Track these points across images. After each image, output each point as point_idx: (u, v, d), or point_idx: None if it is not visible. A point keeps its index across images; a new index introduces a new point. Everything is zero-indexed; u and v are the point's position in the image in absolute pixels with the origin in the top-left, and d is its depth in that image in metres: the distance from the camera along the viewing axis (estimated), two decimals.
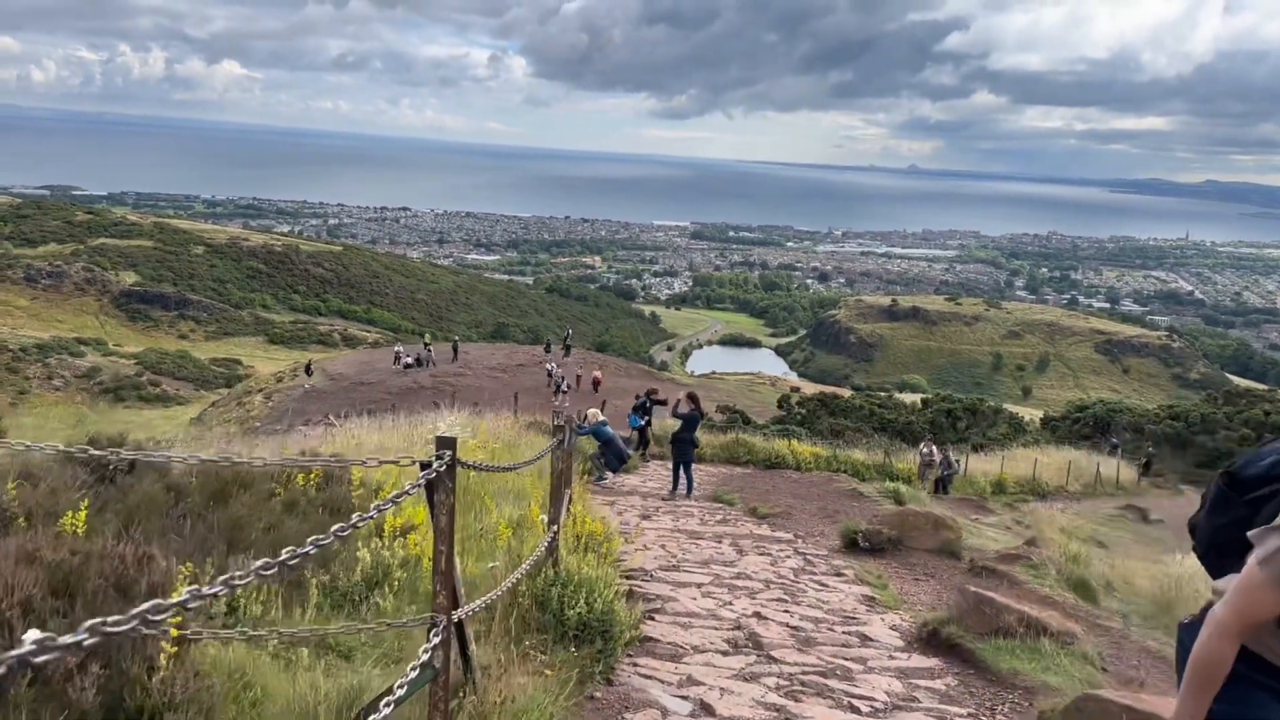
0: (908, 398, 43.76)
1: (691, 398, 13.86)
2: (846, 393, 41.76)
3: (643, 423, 18.62)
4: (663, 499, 13.07)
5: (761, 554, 7.83)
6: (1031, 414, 50.72)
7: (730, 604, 6.08)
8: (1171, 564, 11.47)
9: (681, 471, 13.40)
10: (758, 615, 5.84)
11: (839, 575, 7.21)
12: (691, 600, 5.99)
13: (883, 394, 47.08)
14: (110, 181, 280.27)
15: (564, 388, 38.52)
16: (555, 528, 5.06)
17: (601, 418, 15.30)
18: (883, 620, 6.12)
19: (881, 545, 8.35)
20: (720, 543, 8.37)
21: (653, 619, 5.53)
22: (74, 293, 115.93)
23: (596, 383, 39.93)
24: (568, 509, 5.55)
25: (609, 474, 14.66)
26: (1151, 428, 38.44)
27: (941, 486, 21.94)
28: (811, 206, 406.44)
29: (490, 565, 5.16)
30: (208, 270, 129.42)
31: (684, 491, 13.30)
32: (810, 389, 60.85)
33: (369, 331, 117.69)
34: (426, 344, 50.73)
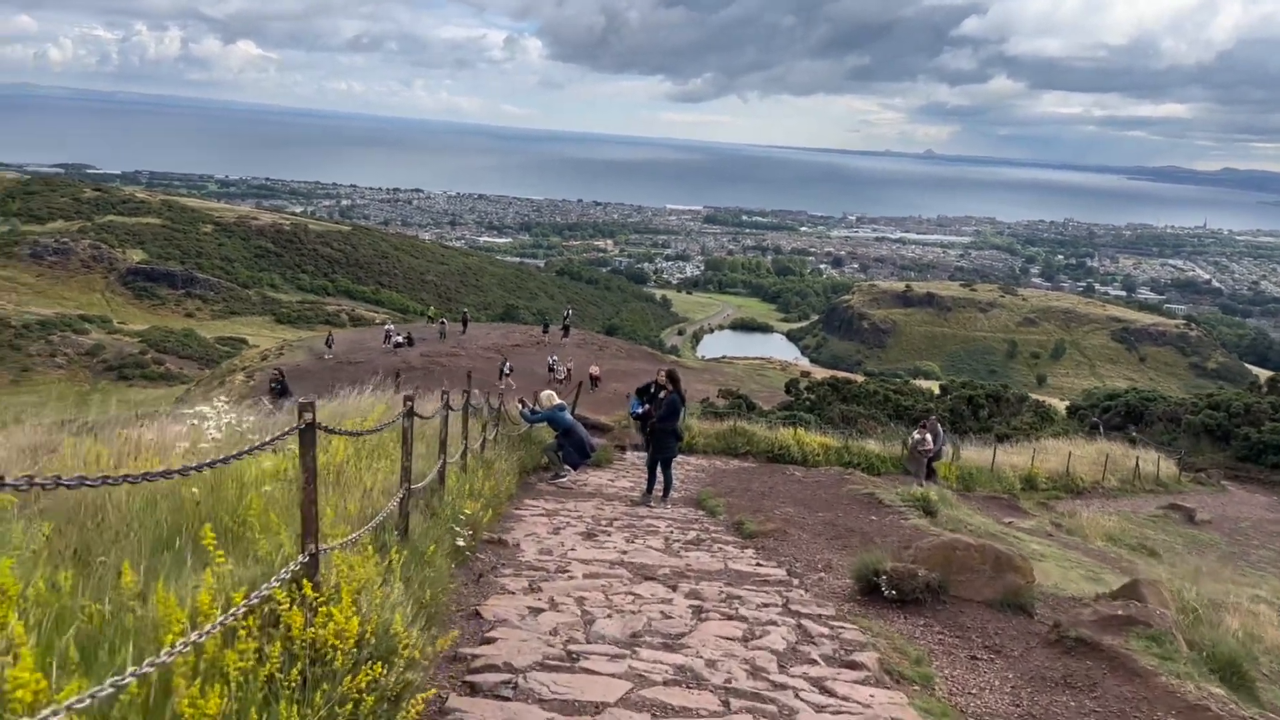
0: (925, 384, 40.97)
1: (671, 378, 11.26)
2: (859, 378, 39.15)
3: (642, 410, 15.38)
4: (630, 503, 10.59)
5: (730, 615, 5.10)
6: (1056, 402, 48.05)
7: None
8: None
9: (659, 470, 10.92)
10: None
11: (851, 661, 4.47)
12: None
13: (898, 379, 44.35)
14: (125, 161, 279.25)
15: (559, 375, 35.86)
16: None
17: (558, 401, 12.83)
18: None
19: (916, 594, 5.76)
20: (675, 591, 5.65)
21: None
22: (80, 270, 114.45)
23: (595, 379, 36.34)
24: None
25: (568, 470, 12.17)
26: (1189, 418, 35.67)
27: (927, 470, 19.21)
28: (826, 191, 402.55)
29: None
30: (216, 249, 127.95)
31: (660, 493, 10.84)
32: (822, 374, 58.29)
33: (376, 312, 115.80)
34: (431, 318, 50.25)
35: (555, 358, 41.52)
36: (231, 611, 2.34)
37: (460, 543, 5.56)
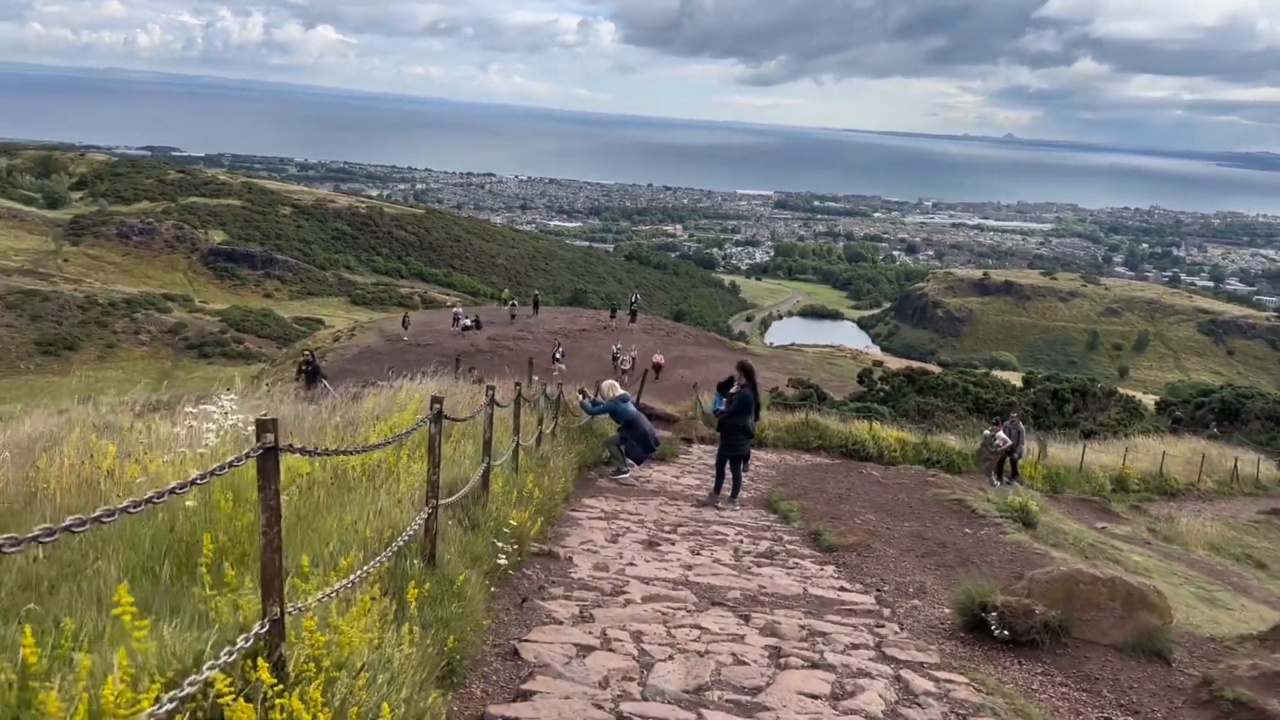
0: (1006, 376, 39.09)
1: (744, 370, 10.44)
2: (936, 368, 37.46)
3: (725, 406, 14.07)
4: (697, 504, 9.83)
5: (814, 661, 4.31)
6: (1144, 397, 45.78)
7: None
8: None
9: (728, 469, 10.15)
10: None
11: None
12: None
13: (978, 370, 42.50)
14: (208, 143, 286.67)
15: (623, 364, 34.83)
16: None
17: (620, 391, 12.07)
18: None
19: (1032, 635, 4.88)
20: (747, 623, 4.80)
21: None
22: (164, 249, 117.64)
23: (658, 367, 34.72)
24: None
25: (631, 465, 11.44)
26: None
27: (1009, 469, 17.74)
28: (901, 176, 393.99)
29: None
30: (294, 231, 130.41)
31: (729, 493, 10.06)
32: (895, 363, 56.69)
33: (448, 294, 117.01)
34: (504, 300, 50.46)
35: (619, 346, 39.71)
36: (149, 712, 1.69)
37: (503, 560, 4.91)
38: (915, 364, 42.26)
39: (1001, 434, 17.08)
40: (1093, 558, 9.87)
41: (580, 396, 13.13)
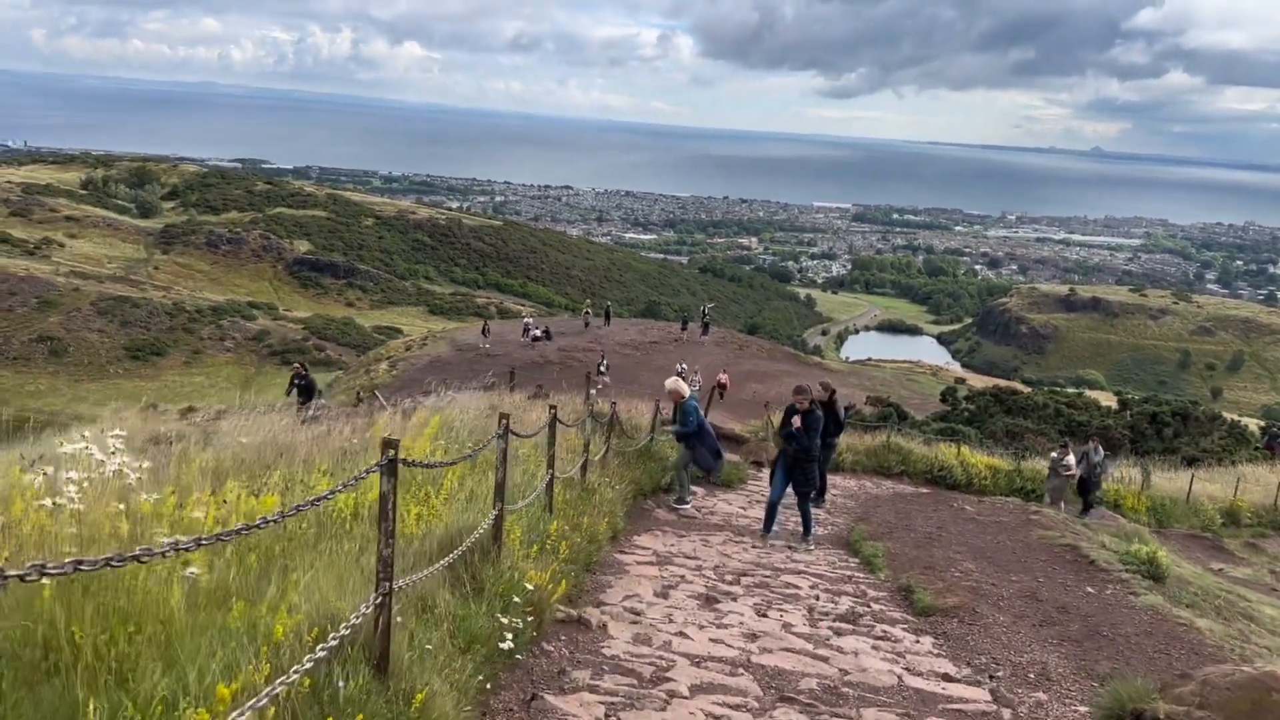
0: (1097, 395, 36.58)
1: (825, 390, 9.31)
2: (1024, 387, 35.28)
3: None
4: (767, 544, 8.62)
5: None
6: (1251, 422, 42.77)
7: None
8: None
9: (799, 505, 8.92)
10: None
11: None
12: None
13: (1070, 390, 39.99)
14: (297, 156, 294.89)
15: (692, 381, 31.88)
16: None
17: (686, 391, 10.60)
18: None
19: None
20: None
21: None
22: (251, 258, 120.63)
23: (722, 387, 32.25)
24: None
25: (693, 494, 10.22)
26: None
27: (1083, 498, 15.81)
28: (984, 189, 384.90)
29: None
30: (376, 241, 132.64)
31: (802, 531, 8.83)
32: (978, 381, 54.32)
33: (523, 305, 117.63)
34: (586, 311, 50.58)
35: (684, 366, 36.32)
36: None
37: (508, 643, 3.83)
38: (1001, 382, 40.08)
39: (1070, 457, 15.44)
40: (1229, 619, 8.38)
41: (669, 422, 12.09)
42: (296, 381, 15.22)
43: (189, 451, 5.21)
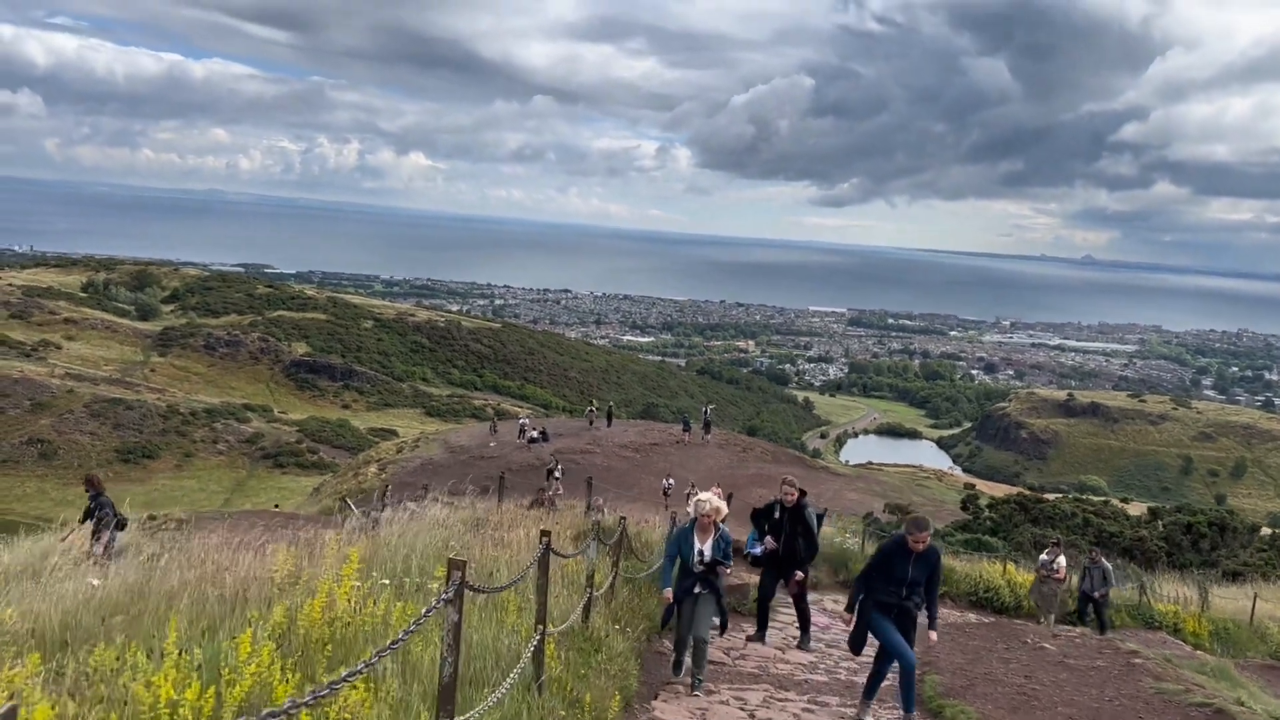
0: (1131, 507, 35.43)
1: (791, 490, 8.87)
2: (1050, 495, 34.22)
3: (763, 549, 9.52)
4: (816, 700, 7.35)
5: None
6: (1267, 529, 41.69)
7: None
8: None
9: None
10: None
11: None
12: None
13: (1096, 498, 38.95)
14: (300, 261, 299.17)
15: (667, 488, 29.52)
16: None
17: (725, 510, 8.07)
18: None
19: None
20: None
21: None
22: (248, 361, 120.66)
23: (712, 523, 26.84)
24: None
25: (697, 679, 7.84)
26: None
27: (1095, 617, 14.58)
28: (977, 295, 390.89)
29: None
30: (374, 343, 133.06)
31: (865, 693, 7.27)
32: (985, 486, 53.35)
33: (521, 406, 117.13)
34: (591, 409, 50.34)
35: (671, 480, 31.06)
36: None
37: None
38: (1025, 490, 38.89)
39: (1061, 559, 14.19)
40: None
41: (674, 526, 10.63)
42: (92, 505, 10.24)
43: None
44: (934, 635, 7.01)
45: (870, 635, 7.03)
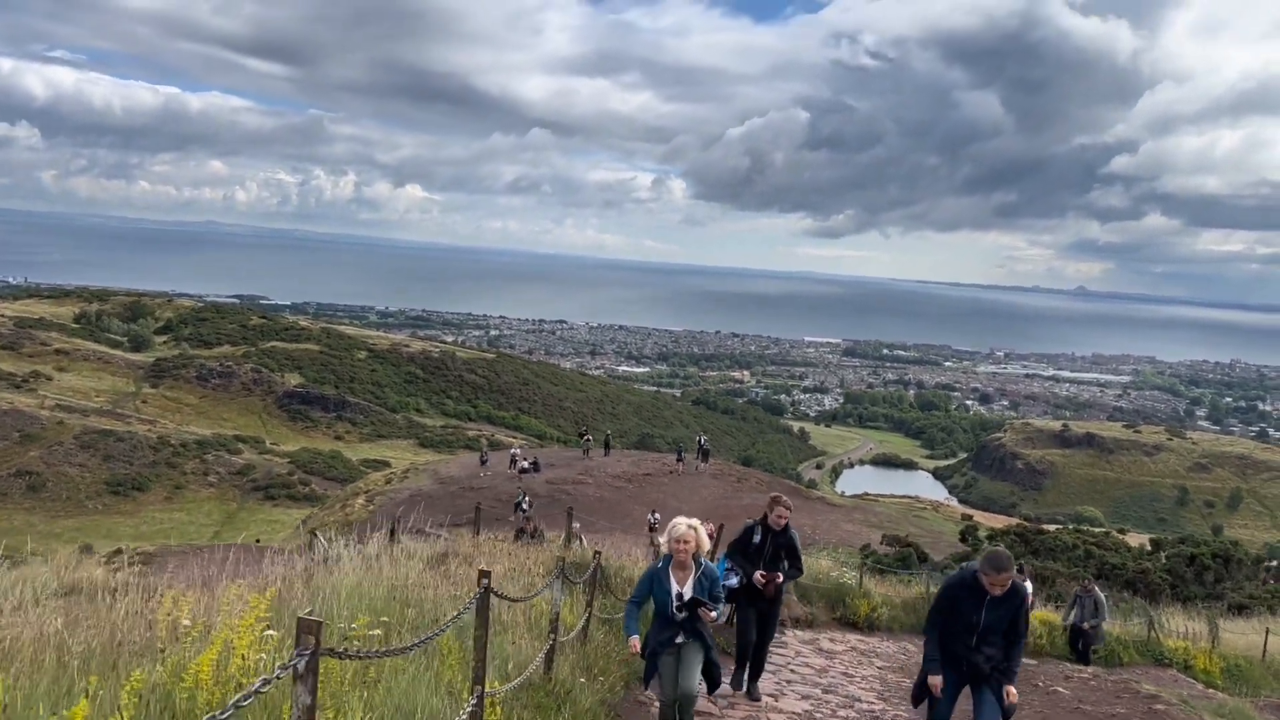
0: (1129, 538, 35.01)
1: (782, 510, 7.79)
2: (1051, 527, 33.67)
3: (734, 582, 8.40)
4: None
5: None
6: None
7: None
8: None
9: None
10: None
11: None
12: None
13: (1097, 530, 38.44)
14: (295, 293, 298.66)
15: (653, 523, 27.41)
16: None
17: (706, 545, 6.78)
18: None
19: None
20: None
21: None
22: (241, 392, 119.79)
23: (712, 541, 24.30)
24: None
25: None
26: None
27: (1082, 649, 13.99)
28: (972, 326, 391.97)
29: None
30: (368, 374, 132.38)
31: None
32: (982, 517, 52.83)
33: (515, 437, 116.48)
34: (587, 438, 49.67)
35: (657, 516, 28.48)
36: None
37: None
38: (1024, 522, 38.40)
39: (1029, 584, 13.43)
40: None
41: (656, 559, 9.70)
42: None
43: None
44: (1013, 692, 5.95)
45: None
